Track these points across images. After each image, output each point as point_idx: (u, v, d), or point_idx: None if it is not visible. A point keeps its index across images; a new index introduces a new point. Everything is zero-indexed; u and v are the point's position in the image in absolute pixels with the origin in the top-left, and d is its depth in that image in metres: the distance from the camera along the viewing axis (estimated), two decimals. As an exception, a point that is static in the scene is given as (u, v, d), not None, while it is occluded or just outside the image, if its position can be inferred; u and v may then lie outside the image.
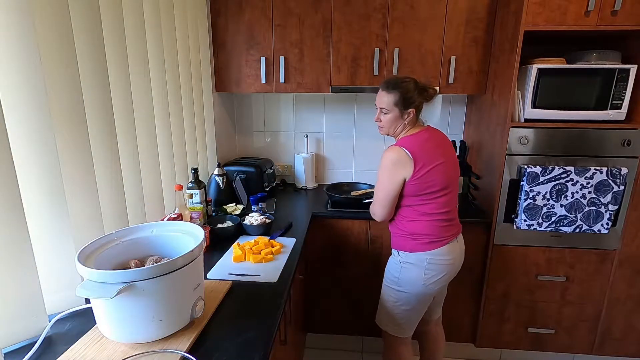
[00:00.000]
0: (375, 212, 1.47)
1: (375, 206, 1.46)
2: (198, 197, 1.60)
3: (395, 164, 1.36)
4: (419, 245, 1.42)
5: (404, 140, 1.40)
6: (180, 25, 1.63)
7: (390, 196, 1.40)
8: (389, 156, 1.38)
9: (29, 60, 0.85)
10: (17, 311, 0.85)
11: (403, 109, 1.41)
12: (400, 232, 1.47)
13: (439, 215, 1.42)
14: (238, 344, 0.88)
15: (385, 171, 1.38)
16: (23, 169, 0.87)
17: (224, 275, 1.23)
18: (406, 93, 1.39)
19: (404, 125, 1.45)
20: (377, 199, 1.44)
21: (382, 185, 1.41)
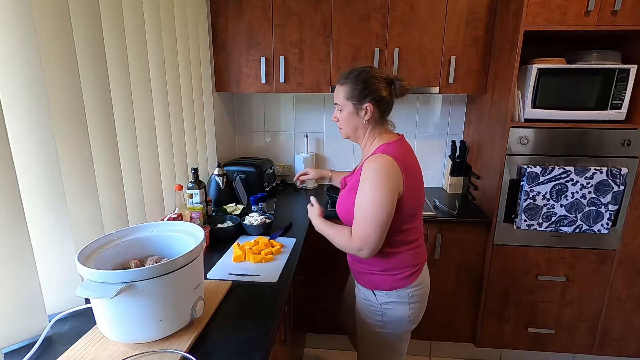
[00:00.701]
0: (367, 243, 1.09)
1: (368, 235, 1.08)
2: (198, 197, 1.60)
3: (390, 174, 1.08)
4: (400, 280, 1.21)
5: (388, 147, 1.14)
6: (180, 26, 1.63)
7: (389, 215, 1.08)
8: (382, 165, 1.08)
9: (29, 61, 0.85)
10: (17, 311, 0.85)
11: (357, 104, 1.15)
12: (373, 268, 1.22)
13: (418, 241, 1.25)
14: (238, 344, 0.88)
15: (381, 184, 1.07)
16: (23, 169, 0.88)
17: (224, 275, 1.23)
18: (359, 83, 1.14)
19: (367, 128, 1.20)
20: (370, 223, 1.07)
21: (377, 203, 1.06)
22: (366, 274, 1.25)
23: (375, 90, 1.14)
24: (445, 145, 2.38)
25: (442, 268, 1.96)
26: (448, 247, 1.92)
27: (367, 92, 1.14)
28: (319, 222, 1.28)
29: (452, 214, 1.91)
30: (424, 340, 2.11)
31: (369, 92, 1.14)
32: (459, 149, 2.26)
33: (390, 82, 1.17)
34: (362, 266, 1.25)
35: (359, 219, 1.11)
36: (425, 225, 1.90)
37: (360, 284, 1.29)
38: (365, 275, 1.26)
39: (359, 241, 1.11)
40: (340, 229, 1.19)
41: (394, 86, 1.16)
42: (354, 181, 1.18)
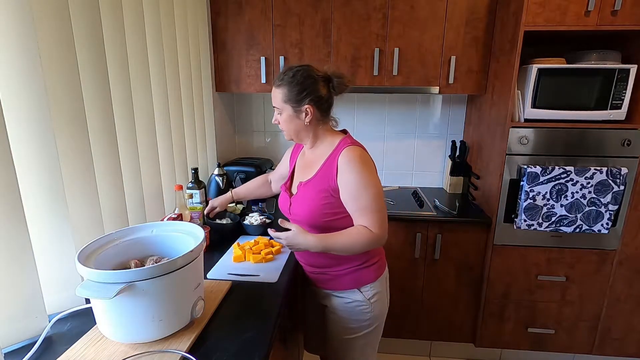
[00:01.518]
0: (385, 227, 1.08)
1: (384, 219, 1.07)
2: (198, 197, 1.60)
3: (371, 163, 1.11)
4: (380, 267, 1.23)
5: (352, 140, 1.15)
6: (180, 26, 1.63)
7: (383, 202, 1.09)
8: (360, 154, 1.08)
9: (29, 61, 0.85)
10: (17, 311, 0.85)
11: (296, 106, 1.11)
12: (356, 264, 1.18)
13: None
14: (238, 344, 0.88)
15: (368, 169, 1.07)
16: (23, 169, 0.87)
17: (224, 275, 1.23)
18: (295, 85, 1.09)
19: (309, 129, 1.15)
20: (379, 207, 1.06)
21: (375, 187, 1.07)
22: (348, 273, 1.19)
23: (313, 91, 1.10)
24: (445, 145, 2.38)
25: (442, 268, 1.96)
26: (448, 247, 1.92)
27: (305, 93, 1.09)
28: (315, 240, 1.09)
29: (452, 214, 1.91)
30: (424, 340, 2.11)
31: (307, 93, 1.09)
32: (459, 149, 2.26)
33: (328, 79, 1.13)
34: (344, 267, 1.19)
35: (367, 209, 1.06)
36: (425, 225, 1.90)
37: (341, 289, 1.21)
38: (346, 276, 1.19)
39: (381, 228, 1.06)
40: (350, 232, 1.08)
41: (332, 83, 1.13)
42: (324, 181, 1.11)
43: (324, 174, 1.12)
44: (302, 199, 1.17)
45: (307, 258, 1.27)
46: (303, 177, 1.21)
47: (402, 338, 2.10)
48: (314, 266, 1.26)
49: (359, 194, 1.06)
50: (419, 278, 1.99)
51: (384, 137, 2.40)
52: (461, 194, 2.28)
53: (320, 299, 1.29)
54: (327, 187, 1.11)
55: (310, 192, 1.15)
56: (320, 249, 1.10)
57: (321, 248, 1.09)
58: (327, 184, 1.11)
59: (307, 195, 1.16)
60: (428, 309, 2.04)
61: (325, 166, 1.13)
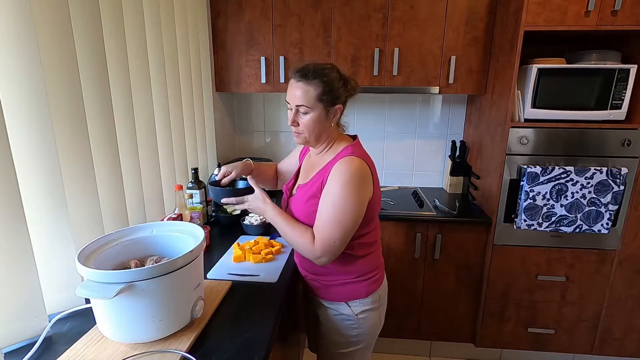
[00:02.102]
0: (330, 250, 1.01)
1: (332, 241, 1.00)
2: (198, 197, 1.60)
3: (364, 179, 1.02)
4: (374, 283, 1.16)
5: (354, 149, 1.07)
6: (180, 25, 1.63)
7: (357, 223, 1.03)
8: (355, 169, 1.01)
9: (29, 60, 0.85)
10: (17, 311, 0.85)
11: (330, 105, 1.04)
12: (349, 276, 1.13)
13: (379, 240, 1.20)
14: (238, 344, 0.88)
15: (354, 188, 1.00)
16: (23, 169, 0.87)
17: (224, 275, 1.23)
18: (332, 83, 1.03)
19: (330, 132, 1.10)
20: (337, 229, 1.00)
21: (346, 210, 0.99)
22: (338, 285, 1.14)
23: (348, 90, 1.07)
24: (445, 145, 2.38)
25: (442, 268, 1.96)
26: (448, 247, 1.92)
27: (340, 92, 1.05)
28: (273, 211, 1.11)
29: (452, 214, 1.91)
30: (424, 340, 2.11)
31: (342, 91, 1.05)
32: (459, 149, 2.26)
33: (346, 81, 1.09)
34: (335, 278, 1.14)
35: (324, 224, 1.01)
36: (425, 225, 1.90)
37: (330, 299, 1.17)
38: (336, 287, 1.15)
39: (322, 248, 1.01)
40: (300, 227, 1.06)
41: (350, 86, 1.09)
42: (315, 186, 1.07)
43: (317, 179, 1.08)
44: (297, 202, 1.14)
45: (302, 263, 1.23)
46: (303, 179, 1.19)
47: (402, 338, 2.10)
48: (308, 271, 1.22)
49: (327, 205, 1.01)
50: (419, 278, 1.99)
51: (384, 137, 2.40)
52: (461, 194, 2.28)
53: (314, 307, 1.25)
54: (317, 193, 1.06)
55: (303, 197, 1.11)
56: (272, 221, 1.12)
57: (273, 221, 1.11)
58: (317, 190, 1.06)
59: (301, 199, 1.12)
60: (428, 309, 2.03)
61: (321, 172, 1.09)
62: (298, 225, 1.08)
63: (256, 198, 1.13)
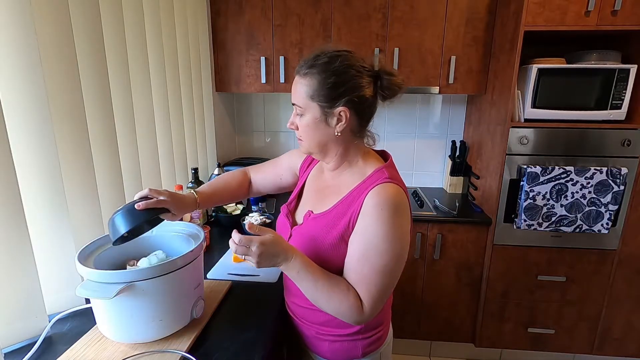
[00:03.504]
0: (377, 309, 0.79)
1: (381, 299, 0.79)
2: (198, 197, 1.59)
3: (406, 212, 0.81)
4: (373, 343, 0.92)
5: (391, 173, 0.83)
6: (180, 25, 1.63)
7: (398, 276, 0.81)
8: (396, 201, 0.78)
9: (29, 60, 0.85)
10: (17, 311, 0.85)
11: (327, 106, 0.78)
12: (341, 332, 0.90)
13: None
14: (238, 344, 0.88)
15: (400, 228, 0.78)
16: (23, 169, 0.87)
17: (224, 275, 1.23)
18: (331, 75, 0.77)
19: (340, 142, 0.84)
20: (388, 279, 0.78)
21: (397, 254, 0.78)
22: (329, 341, 0.91)
23: (355, 87, 0.77)
24: (445, 145, 2.38)
25: (442, 268, 1.96)
26: (448, 247, 1.92)
27: (344, 89, 0.77)
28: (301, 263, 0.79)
29: (452, 214, 1.91)
30: (424, 340, 2.11)
31: (346, 89, 0.77)
32: (459, 149, 2.26)
33: (377, 75, 0.80)
34: (323, 330, 0.91)
35: (371, 279, 0.77)
36: (425, 225, 1.90)
37: (318, 354, 0.95)
38: (327, 343, 0.92)
39: (374, 310, 0.78)
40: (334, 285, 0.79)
41: (381, 82, 0.80)
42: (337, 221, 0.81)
43: (344, 211, 0.81)
44: (309, 235, 0.86)
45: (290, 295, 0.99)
46: (315, 205, 0.90)
47: (402, 338, 2.10)
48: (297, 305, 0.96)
49: (372, 254, 0.77)
50: (419, 278, 1.99)
51: (384, 137, 2.40)
52: (461, 194, 2.28)
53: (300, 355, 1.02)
54: (344, 230, 0.80)
55: (320, 230, 0.84)
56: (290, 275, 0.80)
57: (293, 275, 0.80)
58: (344, 227, 0.80)
59: (315, 232, 0.85)
60: (428, 309, 2.03)
61: (347, 200, 0.82)
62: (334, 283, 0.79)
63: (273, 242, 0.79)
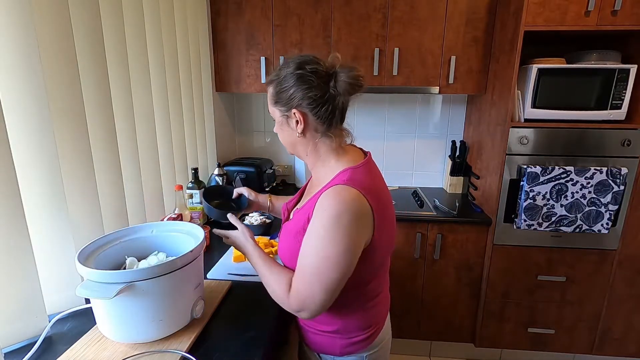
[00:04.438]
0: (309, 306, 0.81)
1: (312, 297, 0.80)
2: (198, 197, 1.60)
3: (358, 218, 0.77)
4: (354, 344, 0.93)
5: (354, 174, 0.82)
6: (180, 25, 1.63)
7: (345, 277, 0.79)
8: (343, 206, 0.76)
9: (29, 61, 0.85)
10: (17, 311, 0.85)
11: (284, 110, 0.85)
12: (321, 328, 0.93)
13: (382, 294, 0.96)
14: (238, 344, 0.88)
15: (342, 232, 0.76)
16: (23, 169, 0.87)
17: (224, 275, 1.23)
18: (283, 81, 0.83)
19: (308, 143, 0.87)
20: (318, 283, 0.78)
21: (330, 260, 0.77)
22: (312, 332, 0.96)
23: (303, 89, 0.81)
24: (445, 145, 2.38)
25: (442, 268, 1.96)
26: (448, 247, 1.92)
27: (292, 91, 0.81)
28: (254, 251, 0.93)
29: (452, 214, 1.91)
30: (424, 340, 2.11)
31: (295, 91, 0.81)
32: (459, 149, 2.26)
33: (331, 74, 0.82)
34: (307, 322, 0.96)
35: (303, 275, 0.80)
36: (425, 225, 1.90)
37: (306, 343, 1.00)
38: (310, 334, 0.97)
39: (298, 302, 0.81)
40: (278, 275, 0.87)
41: (337, 80, 0.82)
42: (304, 218, 0.84)
43: (307, 208, 0.84)
44: (288, 230, 0.91)
45: None
46: (302, 202, 0.97)
47: (402, 338, 2.10)
48: None
49: (308, 253, 0.80)
50: (419, 278, 1.99)
51: (384, 137, 2.40)
52: (461, 194, 2.28)
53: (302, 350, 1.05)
54: (304, 225, 0.83)
55: (295, 226, 0.88)
56: (249, 261, 0.94)
57: (249, 259, 0.94)
58: (304, 222, 0.84)
59: (292, 227, 0.89)
60: (428, 309, 2.03)
61: (313, 198, 0.84)
62: (276, 269, 0.88)
63: (238, 235, 0.98)
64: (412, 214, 1.93)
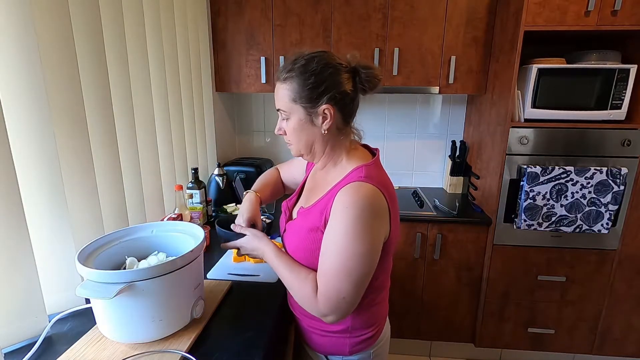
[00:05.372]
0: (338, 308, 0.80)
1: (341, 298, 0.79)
2: (198, 197, 1.60)
3: (378, 213, 0.79)
4: (362, 342, 0.93)
5: (369, 171, 0.83)
6: (180, 25, 1.63)
7: (371, 272, 0.81)
8: (365, 201, 0.77)
9: (29, 61, 0.85)
10: (17, 311, 0.85)
11: (310, 107, 0.81)
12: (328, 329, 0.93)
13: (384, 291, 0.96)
14: (238, 344, 0.88)
15: (366, 229, 0.77)
16: (23, 168, 0.87)
17: (224, 275, 1.23)
18: (310, 76, 0.80)
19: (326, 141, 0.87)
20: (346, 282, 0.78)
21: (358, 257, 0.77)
22: (318, 334, 0.95)
23: (335, 84, 0.80)
24: (445, 145, 2.38)
25: (442, 268, 1.96)
26: (448, 247, 1.92)
27: (324, 87, 0.80)
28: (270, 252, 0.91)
29: (452, 214, 1.91)
30: (424, 340, 2.11)
31: (327, 87, 0.80)
32: (459, 149, 2.26)
33: (354, 70, 0.83)
34: (313, 323, 0.94)
35: (329, 275, 0.79)
36: (425, 225, 1.90)
37: (311, 346, 0.99)
38: (316, 336, 0.96)
39: (328, 305, 0.80)
40: (298, 274, 0.85)
41: (360, 77, 0.82)
42: (319, 216, 0.84)
43: (320, 206, 0.85)
44: (296, 229, 0.91)
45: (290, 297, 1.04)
46: (306, 201, 0.96)
47: (402, 338, 2.10)
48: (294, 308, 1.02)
49: (332, 251, 0.79)
50: (419, 278, 1.99)
51: (384, 137, 2.40)
52: (461, 194, 2.28)
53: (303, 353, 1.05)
54: (320, 225, 0.83)
55: (304, 226, 0.88)
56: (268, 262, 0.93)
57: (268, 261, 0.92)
58: (319, 222, 0.84)
59: (302, 228, 0.89)
60: (428, 309, 2.03)
61: (325, 197, 0.85)
62: (296, 269, 0.86)
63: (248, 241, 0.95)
64: (412, 214, 1.93)
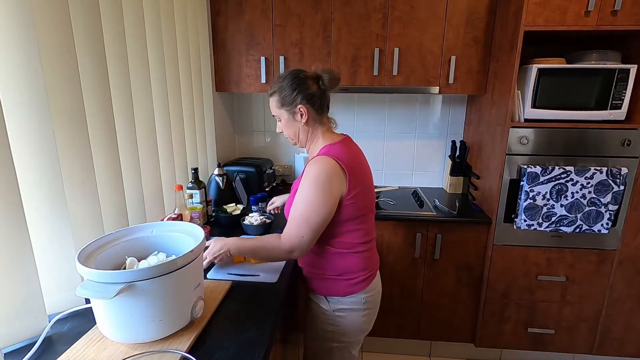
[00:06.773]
0: (299, 244, 1.08)
1: (300, 236, 1.07)
2: (198, 197, 1.60)
3: (331, 177, 1.06)
4: (354, 285, 1.17)
5: (330, 149, 1.12)
6: (180, 25, 1.63)
7: (325, 219, 1.07)
8: (321, 168, 1.06)
9: (29, 60, 0.85)
10: (17, 311, 0.85)
11: (290, 108, 1.14)
12: (327, 272, 1.18)
13: (370, 243, 1.21)
14: (238, 344, 0.88)
15: (320, 186, 1.05)
16: (23, 169, 0.88)
17: (224, 275, 1.23)
18: (285, 88, 1.13)
19: (307, 130, 1.18)
20: (304, 224, 1.07)
21: (312, 206, 1.05)
22: (319, 279, 1.21)
23: (303, 89, 1.12)
24: (445, 145, 2.38)
25: (442, 268, 1.96)
26: (448, 247, 1.92)
27: (295, 93, 1.12)
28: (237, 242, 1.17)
29: (452, 214, 1.91)
30: (424, 340, 2.11)
31: (297, 92, 1.12)
32: (459, 149, 2.26)
33: (317, 77, 1.14)
34: (315, 270, 1.21)
35: (294, 220, 1.09)
36: (425, 225, 1.90)
37: (313, 290, 1.24)
38: (318, 281, 1.21)
39: (290, 242, 1.08)
40: (265, 237, 1.17)
41: (322, 80, 1.14)
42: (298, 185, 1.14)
43: (301, 177, 1.13)
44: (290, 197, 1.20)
45: None
46: None
47: (402, 338, 2.10)
48: (302, 261, 1.28)
49: (297, 203, 1.09)
50: (419, 278, 1.99)
51: (384, 137, 2.40)
52: (461, 194, 2.28)
53: (307, 296, 1.30)
54: None
55: (293, 193, 1.17)
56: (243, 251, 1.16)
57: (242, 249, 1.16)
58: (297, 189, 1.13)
59: (292, 194, 1.17)
60: (428, 309, 2.04)
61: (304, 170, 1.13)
62: (261, 237, 1.17)
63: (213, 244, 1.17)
64: (412, 214, 1.93)
